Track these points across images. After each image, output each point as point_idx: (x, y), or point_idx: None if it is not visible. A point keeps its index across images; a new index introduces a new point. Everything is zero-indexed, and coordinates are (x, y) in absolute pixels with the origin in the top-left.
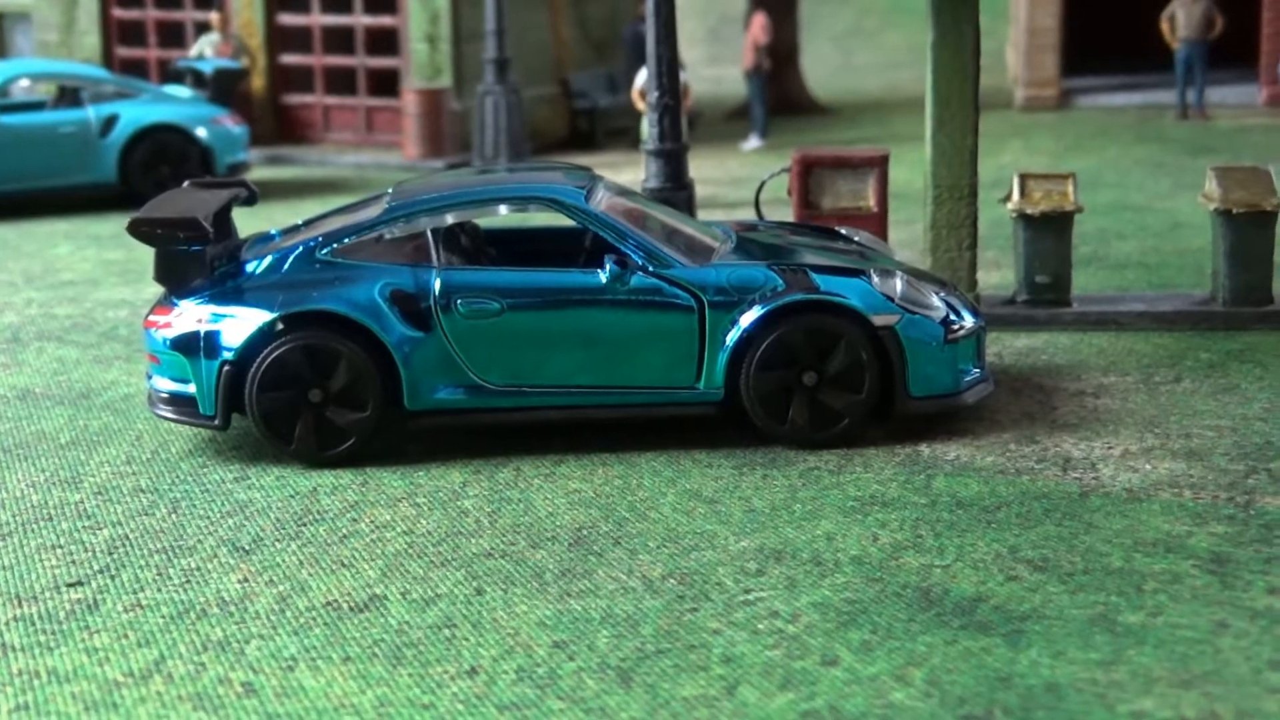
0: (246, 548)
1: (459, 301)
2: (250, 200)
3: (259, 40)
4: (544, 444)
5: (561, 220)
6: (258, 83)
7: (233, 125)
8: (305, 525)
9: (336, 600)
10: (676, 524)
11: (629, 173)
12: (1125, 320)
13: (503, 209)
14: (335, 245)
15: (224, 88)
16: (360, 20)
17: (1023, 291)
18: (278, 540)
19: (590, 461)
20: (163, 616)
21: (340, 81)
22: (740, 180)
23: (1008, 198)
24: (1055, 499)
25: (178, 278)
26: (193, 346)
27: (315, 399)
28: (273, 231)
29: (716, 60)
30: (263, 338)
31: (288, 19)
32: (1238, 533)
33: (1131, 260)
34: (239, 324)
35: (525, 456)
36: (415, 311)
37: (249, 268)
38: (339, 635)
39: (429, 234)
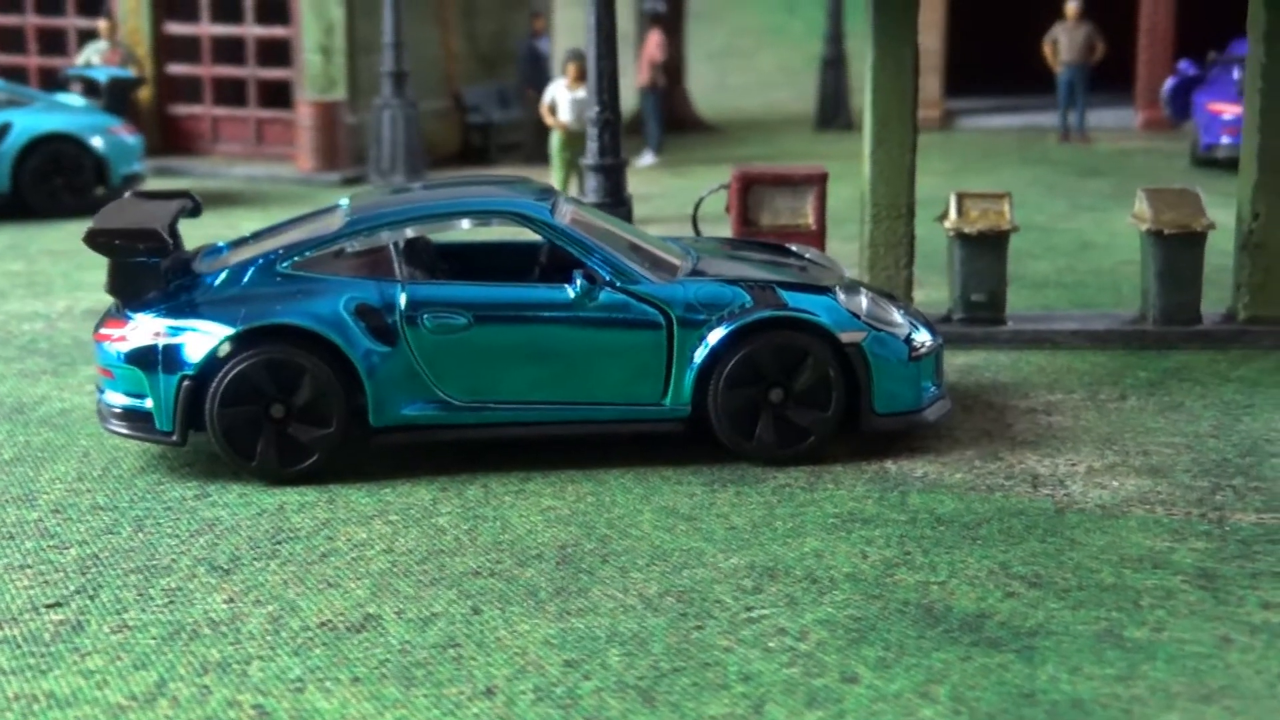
0: (225, 567)
1: (425, 316)
2: (195, 212)
3: (145, 49)
4: (508, 460)
5: (514, 235)
6: (143, 92)
7: (128, 135)
8: (281, 544)
9: (330, 620)
10: (660, 541)
11: None
12: (1060, 339)
13: (466, 223)
14: (296, 258)
15: (119, 97)
16: (251, 30)
17: (958, 309)
18: (256, 559)
19: (558, 478)
20: (153, 638)
21: (229, 92)
22: (643, 196)
23: (944, 216)
24: (1033, 516)
25: (132, 290)
26: (150, 361)
27: (277, 415)
28: (220, 244)
29: None
30: (225, 352)
31: (175, 28)
32: (1218, 549)
33: (1049, 280)
34: (199, 338)
35: (491, 473)
36: (380, 326)
37: (205, 280)
38: (341, 656)
39: (391, 247)
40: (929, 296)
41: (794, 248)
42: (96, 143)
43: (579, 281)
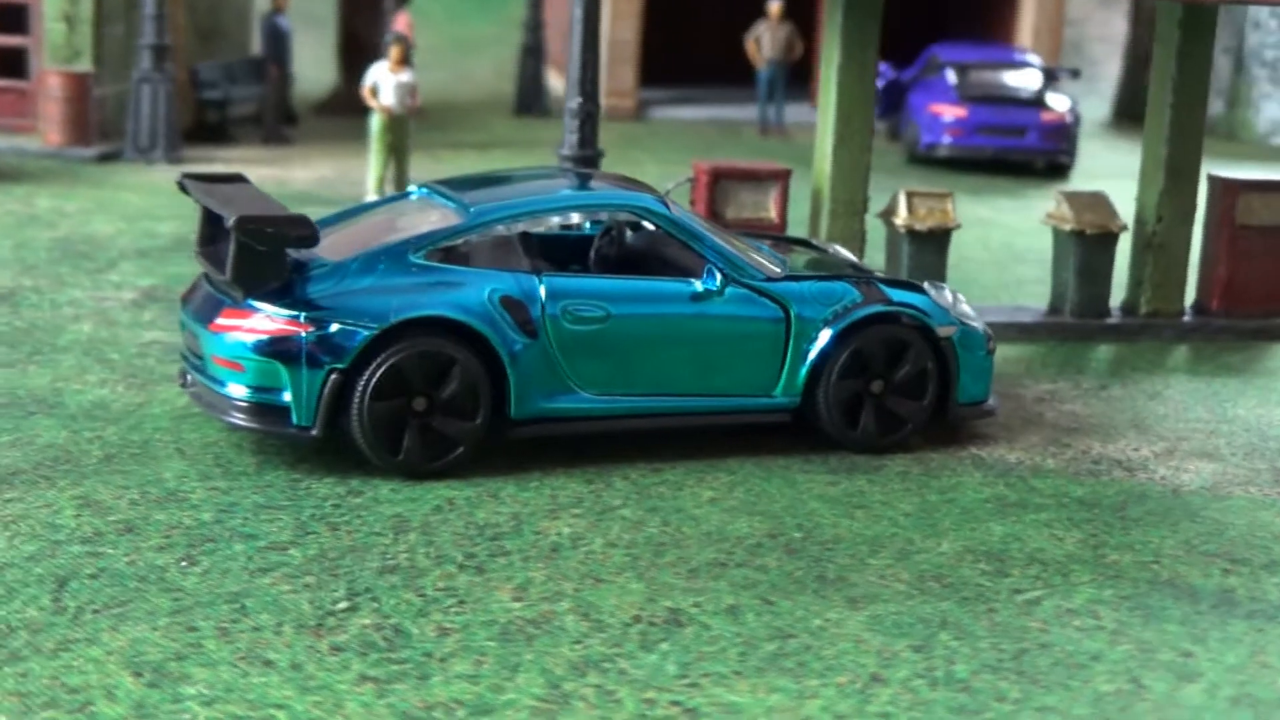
0: (473, 565)
1: (566, 308)
2: None
3: None
4: (621, 452)
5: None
6: None
7: None
8: (496, 540)
9: (639, 615)
10: (857, 530)
11: (270, 169)
12: (994, 331)
13: (577, 216)
14: (428, 248)
15: None
16: None
17: None
18: (492, 556)
19: (689, 469)
20: (488, 639)
21: None
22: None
23: (890, 213)
24: (1158, 499)
25: (258, 279)
26: (292, 353)
27: (419, 408)
28: None
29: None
30: (376, 344)
31: None
32: None
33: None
34: (349, 330)
35: (621, 465)
36: (523, 317)
37: (325, 271)
38: (693, 650)
39: (515, 239)
40: None
41: (814, 241)
42: None
43: (717, 275)
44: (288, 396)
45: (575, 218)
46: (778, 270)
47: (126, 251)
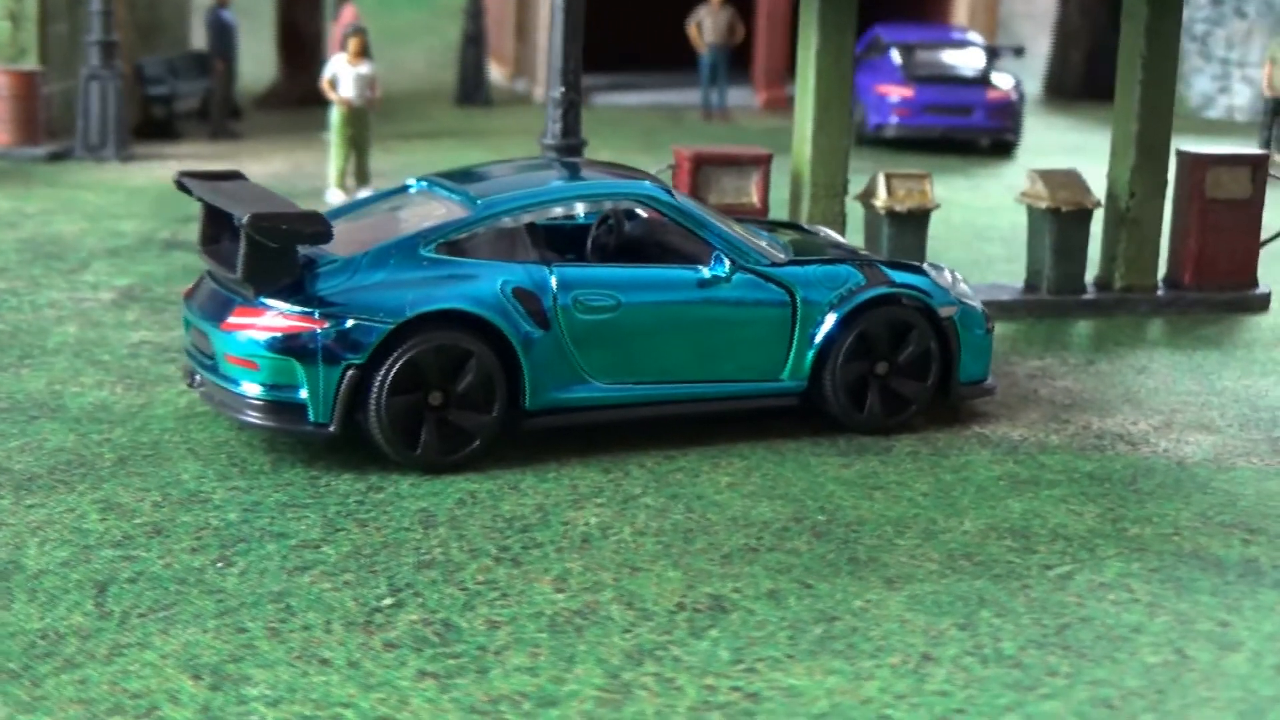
0: (508, 558)
1: (577, 298)
2: None
3: None
4: (628, 442)
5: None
6: None
7: None
8: (526, 532)
9: (683, 603)
10: (878, 511)
11: (223, 165)
12: None
13: (582, 206)
14: (438, 241)
15: None
16: None
17: None
18: (524, 548)
19: (701, 455)
20: (538, 631)
21: None
22: (376, 173)
23: (869, 195)
24: (1165, 472)
25: (270, 277)
26: (307, 351)
27: (435, 402)
28: None
29: None
30: (392, 339)
31: None
32: None
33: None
34: (365, 325)
35: (633, 453)
36: (536, 309)
37: (336, 267)
38: (742, 636)
39: (523, 230)
40: None
41: (803, 224)
42: None
43: (725, 261)
44: (303, 394)
45: (580, 207)
46: (781, 255)
47: (96, 251)
